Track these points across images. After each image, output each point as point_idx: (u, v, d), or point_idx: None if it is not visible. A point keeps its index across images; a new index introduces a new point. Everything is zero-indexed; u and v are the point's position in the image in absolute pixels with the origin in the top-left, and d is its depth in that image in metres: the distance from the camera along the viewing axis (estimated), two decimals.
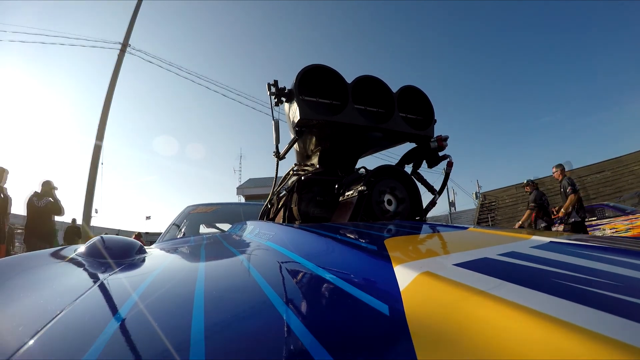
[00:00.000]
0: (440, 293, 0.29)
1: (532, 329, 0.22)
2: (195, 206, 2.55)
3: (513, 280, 0.29)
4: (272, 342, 0.27)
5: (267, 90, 0.98)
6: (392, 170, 0.99)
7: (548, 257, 0.39)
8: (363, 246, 0.47)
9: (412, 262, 0.36)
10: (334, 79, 0.95)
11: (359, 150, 1.18)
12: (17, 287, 0.46)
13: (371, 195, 0.89)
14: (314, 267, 0.45)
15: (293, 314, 0.31)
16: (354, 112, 0.94)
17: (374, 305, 0.31)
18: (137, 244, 0.73)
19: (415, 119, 1.08)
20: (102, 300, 0.40)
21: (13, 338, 0.30)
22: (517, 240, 0.50)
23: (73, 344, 0.28)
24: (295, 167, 1.17)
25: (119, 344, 0.27)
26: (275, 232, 0.71)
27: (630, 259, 0.40)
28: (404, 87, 1.06)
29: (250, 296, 0.38)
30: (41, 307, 0.38)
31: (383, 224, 0.75)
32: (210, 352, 0.25)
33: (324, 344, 0.25)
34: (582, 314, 0.22)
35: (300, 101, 0.90)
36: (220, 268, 0.60)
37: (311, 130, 0.98)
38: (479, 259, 0.38)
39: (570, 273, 0.33)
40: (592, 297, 0.26)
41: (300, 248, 0.55)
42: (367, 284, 0.36)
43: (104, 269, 0.57)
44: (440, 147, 1.05)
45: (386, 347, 0.25)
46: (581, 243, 0.49)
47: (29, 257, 0.61)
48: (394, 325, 0.27)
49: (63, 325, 0.31)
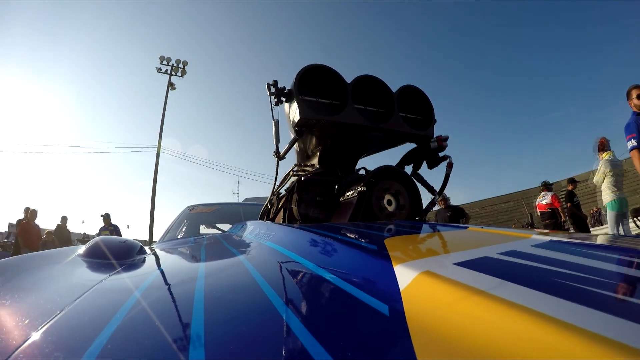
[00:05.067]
0: (440, 293, 0.28)
1: (532, 329, 0.22)
2: (196, 206, 2.55)
3: (513, 280, 0.29)
4: (272, 342, 0.27)
5: (267, 90, 0.98)
6: (393, 170, 0.99)
7: (549, 256, 0.39)
8: (363, 246, 0.47)
9: (412, 262, 0.36)
10: (334, 79, 0.95)
11: (359, 151, 1.18)
12: (18, 287, 0.46)
13: (371, 195, 0.89)
14: (314, 267, 0.45)
15: (293, 314, 0.31)
16: (353, 112, 0.94)
17: (374, 305, 0.31)
18: (137, 245, 0.73)
19: (415, 119, 1.08)
20: (103, 300, 0.40)
21: (14, 337, 0.30)
22: (518, 239, 0.50)
23: (73, 344, 0.28)
24: (295, 167, 1.17)
25: (119, 343, 0.27)
26: (276, 233, 0.71)
27: (630, 258, 0.40)
28: (404, 86, 1.06)
29: (250, 296, 0.38)
30: (41, 307, 0.38)
31: (383, 224, 0.75)
32: (210, 352, 0.24)
33: (324, 343, 0.25)
34: (582, 315, 0.22)
35: (300, 101, 0.90)
36: (220, 268, 0.60)
37: (311, 130, 0.98)
38: (479, 258, 0.38)
39: (571, 272, 0.33)
40: (593, 297, 0.26)
41: (300, 248, 0.55)
42: (367, 283, 0.36)
43: (104, 269, 0.57)
44: (440, 148, 1.05)
45: (386, 347, 0.25)
46: (582, 242, 0.49)
47: (29, 257, 0.61)
48: (393, 325, 0.27)
49: (63, 325, 0.31)
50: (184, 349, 0.25)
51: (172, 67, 14.60)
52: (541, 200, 5.63)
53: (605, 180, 4.14)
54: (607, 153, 4.19)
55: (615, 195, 4.07)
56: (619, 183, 4.09)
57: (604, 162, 4.15)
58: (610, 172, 4.08)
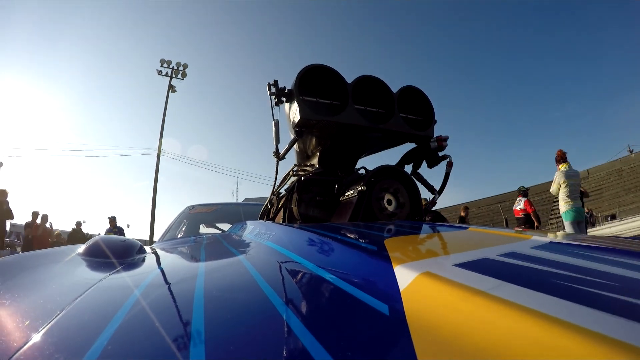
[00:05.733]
0: (440, 293, 0.29)
1: (532, 329, 0.22)
2: (195, 206, 2.55)
3: (513, 281, 0.29)
4: (272, 341, 0.27)
5: (267, 90, 0.98)
6: (392, 170, 0.99)
7: (548, 258, 0.39)
8: (363, 246, 0.47)
9: (412, 263, 0.36)
10: (334, 79, 0.95)
11: (359, 151, 1.18)
12: (18, 286, 0.46)
13: (371, 195, 0.89)
14: (314, 267, 0.45)
15: (293, 314, 0.31)
16: (354, 113, 0.94)
17: (374, 305, 0.31)
18: (137, 244, 0.73)
19: (416, 119, 1.08)
20: (103, 300, 0.40)
21: (14, 337, 0.30)
22: (518, 241, 0.50)
23: (74, 343, 0.28)
24: (295, 167, 1.17)
25: (120, 343, 0.27)
26: (275, 232, 0.71)
27: (630, 260, 0.40)
28: (404, 87, 1.06)
29: (250, 296, 0.38)
30: (42, 307, 0.38)
31: (383, 224, 0.75)
32: (210, 352, 0.25)
33: (324, 343, 0.25)
34: (582, 314, 0.22)
35: (301, 101, 0.90)
36: (220, 268, 0.60)
37: (311, 130, 0.98)
38: (479, 259, 0.38)
39: (571, 274, 0.33)
40: (592, 297, 0.26)
41: (300, 248, 0.55)
42: (367, 284, 0.36)
43: (104, 268, 0.57)
44: (440, 147, 1.05)
45: (386, 347, 0.25)
46: (581, 244, 0.49)
47: (29, 256, 0.61)
48: (394, 325, 0.27)
49: (64, 325, 0.31)
50: (185, 348, 0.25)
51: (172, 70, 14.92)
52: (516, 206, 5.78)
53: (560, 191, 4.37)
54: (563, 165, 4.40)
55: (569, 206, 4.31)
56: (573, 193, 4.31)
57: (559, 173, 4.38)
58: (565, 183, 4.31)
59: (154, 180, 13.26)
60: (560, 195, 4.37)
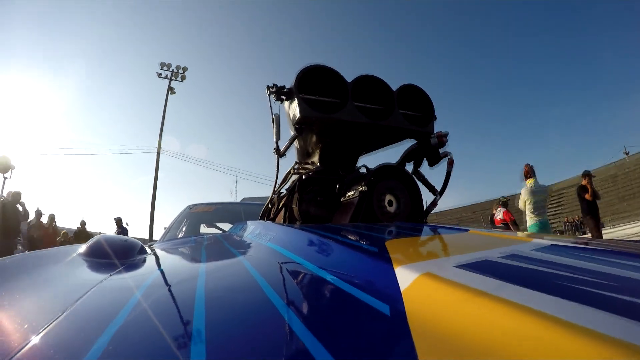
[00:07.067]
0: (441, 294, 0.29)
1: (533, 329, 0.22)
2: (196, 205, 2.55)
3: (514, 282, 0.29)
4: (273, 342, 0.27)
5: (267, 90, 0.99)
6: (394, 169, 0.99)
7: (549, 259, 0.39)
8: (364, 248, 0.47)
9: (413, 264, 0.36)
10: (334, 79, 0.95)
11: (359, 148, 1.18)
12: (18, 287, 0.46)
13: (372, 195, 0.89)
14: (314, 268, 0.45)
15: (294, 315, 0.31)
16: (354, 110, 0.94)
17: (375, 305, 0.31)
18: (137, 244, 0.73)
19: (415, 116, 1.08)
20: (104, 300, 0.40)
21: (15, 338, 0.30)
22: (519, 243, 0.50)
23: (75, 344, 0.28)
24: (296, 165, 1.17)
25: (121, 343, 0.27)
26: (276, 233, 0.71)
27: (631, 261, 0.40)
28: (404, 85, 1.06)
29: (251, 297, 0.38)
30: (43, 307, 0.38)
31: (384, 226, 0.75)
32: (211, 352, 0.25)
33: (325, 344, 0.25)
34: (583, 314, 0.22)
35: (300, 99, 0.90)
36: (221, 268, 0.60)
37: (311, 128, 0.98)
38: (480, 260, 0.38)
39: (572, 275, 0.33)
40: (593, 297, 0.26)
41: (301, 249, 0.55)
42: (367, 285, 0.36)
43: (105, 268, 0.57)
44: (440, 144, 1.05)
45: (387, 347, 0.25)
46: (583, 246, 0.49)
47: (29, 256, 0.61)
48: (395, 326, 0.27)
49: (65, 325, 0.31)
50: (186, 349, 0.25)
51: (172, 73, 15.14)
52: (497, 216, 5.92)
53: (526, 207, 4.60)
54: (530, 180, 4.58)
55: (533, 220, 4.54)
56: (539, 208, 4.54)
57: (524, 190, 4.60)
58: (529, 200, 4.54)
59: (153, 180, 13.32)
60: (527, 210, 4.60)
